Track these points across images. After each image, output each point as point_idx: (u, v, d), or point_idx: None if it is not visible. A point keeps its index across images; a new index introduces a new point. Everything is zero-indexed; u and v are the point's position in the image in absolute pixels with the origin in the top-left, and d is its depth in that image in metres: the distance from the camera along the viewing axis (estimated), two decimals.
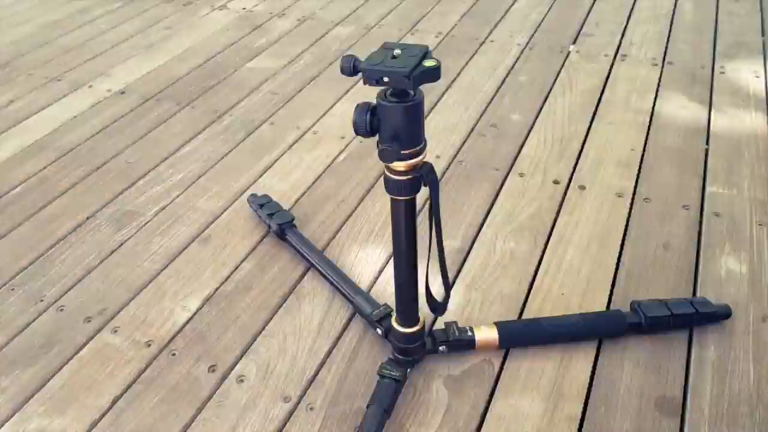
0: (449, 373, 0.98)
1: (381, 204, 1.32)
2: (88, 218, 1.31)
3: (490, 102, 1.67)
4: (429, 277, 0.91)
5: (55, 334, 1.07)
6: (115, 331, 1.07)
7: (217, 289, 1.14)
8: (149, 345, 1.04)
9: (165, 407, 0.94)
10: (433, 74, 0.71)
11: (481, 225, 1.26)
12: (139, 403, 0.95)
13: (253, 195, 1.30)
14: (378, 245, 1.22)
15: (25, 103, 1.72)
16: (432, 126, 1.59)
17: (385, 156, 0.74)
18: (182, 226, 1.28)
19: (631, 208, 1.29)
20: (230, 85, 1.77)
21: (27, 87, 1.79)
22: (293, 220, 1.22)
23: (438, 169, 1.42)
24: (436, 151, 1.48)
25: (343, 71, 0.73)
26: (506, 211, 1.30)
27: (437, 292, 1.06)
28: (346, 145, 1.51)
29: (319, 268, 1.13)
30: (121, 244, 1.24)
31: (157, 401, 0.95)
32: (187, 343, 1.04)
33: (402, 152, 0.75)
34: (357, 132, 0.77)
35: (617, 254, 1.18)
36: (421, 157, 0.78)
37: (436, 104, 1.68)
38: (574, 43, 1.96)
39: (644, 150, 1.46)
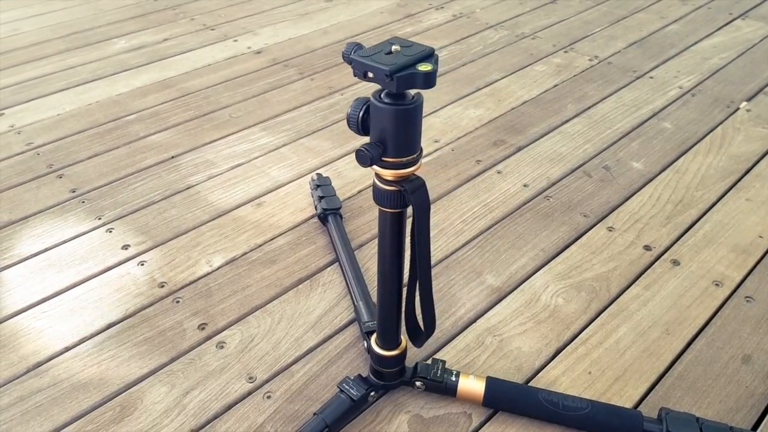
0: (419, 413, 0.89)
1: (439, 217, 1.24)
2: (172, 157, 1.40)
3: (616, 142, 1.49)
4: (415, 304, 0.82)
5: (93, 251, 1.15)
6: (141, 264, 1.12)
7: (245, 253, 1.15)
8: (162, 286, 1.08)
9: (144, 347, 0.97)
10: (425, 79, 0.62)
11: (536, 270, 1.12)
12: (126, 336, 0.99)
13: (318, 174, 1.29)
14: None
15: (175, 43, 1.88)
16: (538, 150, 1.45)
17: (361, 158, 0.67)
18: (246, 187, 1.31)
19: (724, 303, 1.06)
20: None
21: (184, 29, 1.96)
22: (339, 208, 1.19)
23: (518, 199, 1.29)
24: (526, 178, 1.35)
25: (342, 56, 0.68)
26: (572, 263, 1.14)
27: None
28: (435, 150, 1.44)
29: (342, 262, 1.09)
30: (187, 188, 1.31)
31: (142, 339, 0.99)
32: (193, 296, 1.06)
33: (384, 159, 0.68)
34: (349, 126, 0.71)
35: (680, 350, 0.98)
36: (408, 169, 0.69)
37: (555, 129, 1.53)
38: (749, 100, 1.67)
39: None
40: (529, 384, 0.93)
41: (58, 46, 1.91)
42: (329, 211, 1.18)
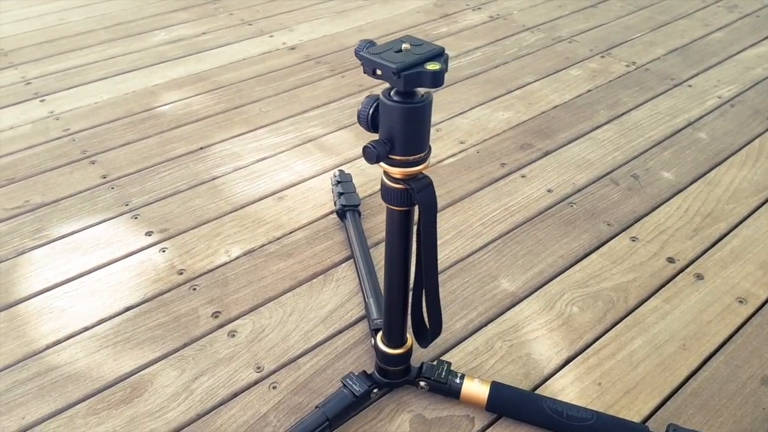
0: (422, 413, 0.89)
1: (459, 218, 1.23)
2: (201, 148, 1.43)
3: (647, 151, 1.45)
4: (422, 305, 0.82)
5: (118, 236, 1.18)
6: (163, 251, 1.15)
7: (263, 245, 1.17)
8: (181, 273, 1.10)
9: (159, 331, 1.00)
10: (433, 78, 0.62)
11: (553, 277, 1.11)
12: (142, 319, 1.02)
13: (341, 171, 1.30)
14: None
15: (213, 37, 1.92)
16: (565, 155, 1.42)
17: (367, 155, 0.67)
18: (269, 180, 1.33)
19: (747, 321, 1.03)
20: None
21: (222, 24, 2.00)
22: (358, 205, 1.19)
23: (541, 204, 1.27)
24: (551, 184, 1.33)
25: (354, 53, 0.68)
26: (591, 272, 1.12)
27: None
28: (460, 151, 1.43)
29: (356, 259, 1.09)
30: (213, 179, 1.33)
31: (157, 324, 1.01)
32: (210, 284, 1.08)
33: (391, 157, 0.68)
34: (359, 123, 0.71)
35: (696, 366, 0.96)
36: (416, 168, 0.69)
37: (584, 134, 1.50)
38: None
39: None
40: (535, 392, 0.92)
41: (101, 36, 1.98)
42: (348, 208, 1.18)
